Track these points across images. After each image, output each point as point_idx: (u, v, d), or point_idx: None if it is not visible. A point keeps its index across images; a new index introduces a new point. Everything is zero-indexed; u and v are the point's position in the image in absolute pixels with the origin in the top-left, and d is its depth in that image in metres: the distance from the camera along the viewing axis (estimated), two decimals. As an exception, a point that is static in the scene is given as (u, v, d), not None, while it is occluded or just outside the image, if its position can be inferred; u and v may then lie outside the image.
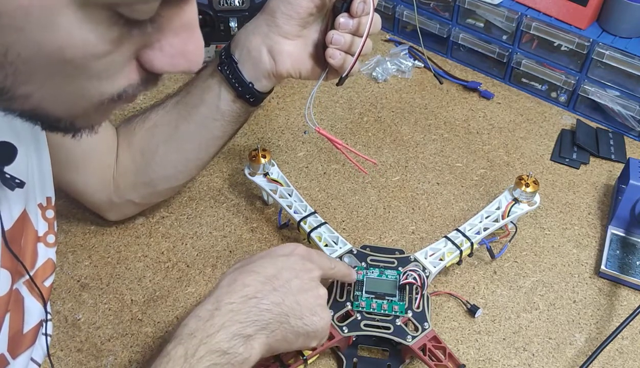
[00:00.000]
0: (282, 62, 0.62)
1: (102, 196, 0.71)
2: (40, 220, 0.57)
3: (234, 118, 0.66)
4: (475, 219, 0.72)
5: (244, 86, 0.63)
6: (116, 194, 0.71)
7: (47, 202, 0.58)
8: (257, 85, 0.63)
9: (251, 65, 0.62)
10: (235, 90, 0.63)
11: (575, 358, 0.65)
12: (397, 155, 0.89)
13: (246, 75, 0.63)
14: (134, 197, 0.71)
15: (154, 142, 0.68)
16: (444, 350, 0.60)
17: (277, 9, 0.60)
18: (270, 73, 0.63)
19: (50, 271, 0.57)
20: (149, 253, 0.75)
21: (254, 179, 0.76)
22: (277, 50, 0.61)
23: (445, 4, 1.02)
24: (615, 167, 0.87)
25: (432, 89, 1.01)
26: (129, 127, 0.70)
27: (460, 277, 0.73)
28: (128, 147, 0.69)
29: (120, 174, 0.70)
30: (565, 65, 0.94)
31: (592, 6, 0.89)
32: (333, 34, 0.59)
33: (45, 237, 0.57)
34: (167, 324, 0.67)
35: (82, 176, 0.69)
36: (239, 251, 0.75)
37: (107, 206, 0.73)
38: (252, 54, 0.62)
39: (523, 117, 0.96)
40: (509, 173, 0.86)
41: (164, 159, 0.68)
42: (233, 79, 0.62)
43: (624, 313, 0.69)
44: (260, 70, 0.63)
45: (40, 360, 0.58)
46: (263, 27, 0.61)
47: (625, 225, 0.76)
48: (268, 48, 0.61)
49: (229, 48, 0.64)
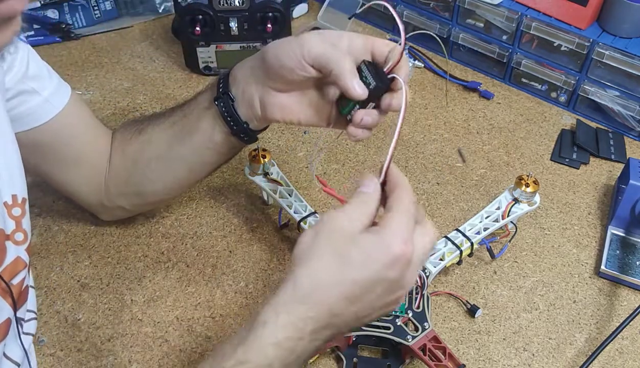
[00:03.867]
0: (272, 113, 0.59)
1: (94, 198, 0.71)
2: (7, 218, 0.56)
3: (228, 150, 0.65)
4: (475, 219, 0.72)
5: (239, 125, 0.61)
6: (107, 198, 0.71)
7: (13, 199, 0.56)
8: (251, 125, 0.62)
9: (246, 108, 0.60)
10: (229, 128, 0.61)
11: (575, 358, 0.65)
12: (397, 155, 0.89)
13: (242, 115, 0.60)
14: (124, 203, 0.72)
15: (147, 156, 0.67)
16: (444, 350, 0.60)
17: (271, 66, 0.56)
18: (262, 119, 0.61)
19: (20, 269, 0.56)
20: (149, 253, 0.75)
21: (254, 179, 0.76)
22: (268, 102, 0.59)
23: (445, 4, 1.02)
24: (615, 167, 0.87)
25: (432, 89, 1.01)
26: (125, 134, 0.69)
27: (460, 277, 0.73)
28: (122, 155, 0.69)
29: (111, 178, 0.70)
30: (565, 65, 0.94)
31: (592, 6, 0.89)
32: (363, 115, 0.55)
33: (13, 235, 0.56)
34: (167, 324, 0.67)
35: (74, 177, 0.69)
36: (239, 251, 0.75)
37: (99, 208, 0.73)
38: (246, 97, 0.60)
39: (523, 117, 0.96)
40: (509, 173, 0.86)
41: (155, 174, 0.68)
42: (228, 116, 0.60)
43: (624, 313, 0.69)
44: (253, 115, 0.61)
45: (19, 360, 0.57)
46: (260, 73, 0.58)
47: (625, 225, 0.76)
48: (260, 96, 0.59)
49: (227, 81, 0.61)
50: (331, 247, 0.46)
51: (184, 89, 1.00)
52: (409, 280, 0.47)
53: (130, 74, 1.03)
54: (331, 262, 0.45)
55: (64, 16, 1.10)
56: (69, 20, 1.10)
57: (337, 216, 0.47)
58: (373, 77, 0.53)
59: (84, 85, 1.00)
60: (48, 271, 0.72)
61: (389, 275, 0.45)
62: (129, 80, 1.01)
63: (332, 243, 0.46)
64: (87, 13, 1.12)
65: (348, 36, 0.56)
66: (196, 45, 0.98)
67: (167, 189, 0.70)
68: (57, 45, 1.09)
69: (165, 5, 1.16)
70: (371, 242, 0.46)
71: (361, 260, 0.45)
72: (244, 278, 0.72)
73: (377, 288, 0.46)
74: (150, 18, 1.16)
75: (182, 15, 0.94)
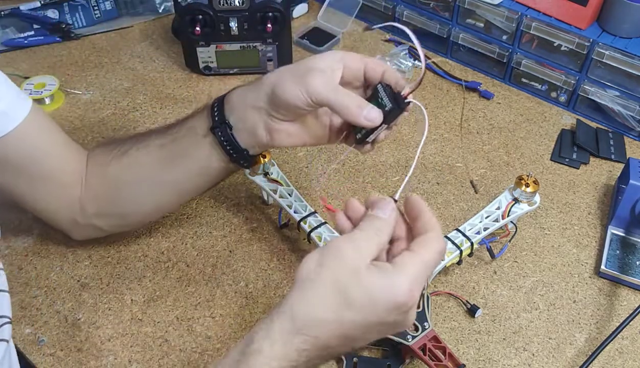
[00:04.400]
0: (279, 140, 0.59)
1: (64, 216, 0.69)
2: None
3: (224, 175, 0.65)
4: (475, 219, 0.72)
5: (239, 153, 0.61)
6: (82, 216, 0.68)
7: None
8: (251, 151, 0.61)
9: (246, 135, 0.60)
10: (229, 156, 0.61)
11: (575, 358, 0.65)
12: (397, 155, 0.89)
13: (241, 143, 0.60)
14: (102, 224, 0.69)
15: (131, 179, 0.65)
16: (444, 350, 0.60)
17: (278, 102, 0.56)
18: (267, 145, 0.60)
19: None
20: (149, 253, 0.75)
21: (254, 178, 0.76)
22: (274, 129, 0.58)
23: (445, 4, 1.02)
24: (615, 167, 0.87)
25: (432, 89, 1.01)
26: (103, 156, 0.67)
27: (460, 277, 0.73)
28: (102, 177, 0.67)
29: (89, 199, 0.67)
30: (565, 65, 0.94)
31: (592, 6, 0.89)
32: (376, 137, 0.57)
33: None
34: (167, 324, 0.67)
35: (41, 194, 0.66)
36: (239, 251, 0.75)
37: (70, 226, 0.70)
38: (248, 125, 0.59)
39: (523, 117, 0.96)
40: (509, 173, 0.86)
41: (139, 197, 0.66)
42: (228, 145, 0.60)
43: (624, 313, 0.69)
44: (256, 141, 0.60)
45: None
46: (261, 103, 0.58)
47: (625, 225, 0.76)
48: (265, 124, 0.58)
49: (223, 109, 0.60)
50: (332, 280, 0.44)
51: (184, 89, 1.00)
52: (409, 320, 0.46)
53: (130, 74, 1.03)
54: (331, 298, 0.44)
55: (64, 16, 1.10)
56: (69, 20, 1.10)
57: (343, 246, 0.45)
58: (389, 99, 0.54)
59: (84, 85, 1.00)
60: (48, 271, 0.72)
61: (389, 319, 0.44)
62: (129, 80, 1.01)
63: (335, 275, 0.44)
64: (87, 13, 1.12)
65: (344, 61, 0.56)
66: (196, 45, 0.98)
67: (151, 211, 0.69)
68: (57, 45, 1.09)
69: (165, 5, 1.16)
70: (376, 284, 0.43)
71: (362, 303, 0.43)
72: (244, 278, 0.72)
73: (375, 328, 0.45)
74: (150, 18, 1.16)
75: (182, 15, 0.94)
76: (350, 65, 0.56)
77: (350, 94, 0.54)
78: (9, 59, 1.05)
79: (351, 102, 0.54)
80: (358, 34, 1.13)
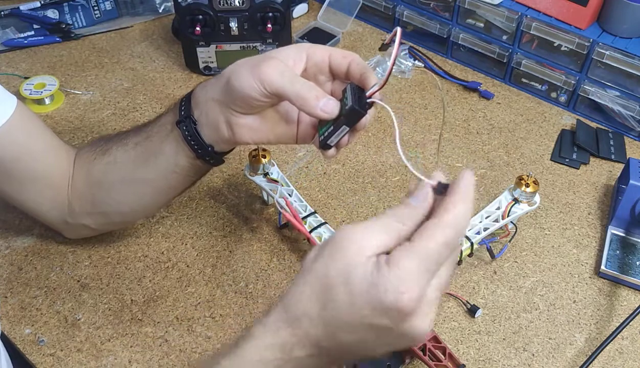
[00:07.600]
0: (240, 135, 0.57)
1: (56, 216, 0.69)
2: None
3: (194, 173, 0.63)
4: (475, 219, 0.72)
5: (203, 149, 0.58)
6: (70, 216, 0.68)
7: None
8: (217, 148, 0.59)
9: (209, 130, 0.58)
10: (194, 151, 0.59)
11: (575, 358, 0.65)
12: (397, 155, 0.89)
13: (206, 138, 0.58)
14: (89, 223, 0.69)
15: (112, 178, 0.65)
16: (444, 350, 0.60)
17: (235, 94, 0.53)
18: (229, 141, 0.58)
19: None
20: (149, 253, 0.75)
21: (254, 179, 0.76)
22: (235, 123, 0.56)
23: (445, 4, 1.02)
24: (615, 167, 0.87)
25: (432, 89, 1.01)
26: (89, 154, 0.66)
27: (460, 277, 0.73)
28: (86, 175, 0.66)
29: (76, 198, 0.67)
30: (565, 65, 0.94)
31: (592, 6, 0.89)
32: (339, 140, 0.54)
33: None
34: (167, 324, 0.67)
35: (31, 194, 0.66)
36: (239, 251, 0.75)
37: (62, 226, 0.71)
38: (210, 119, 0.57)
39: (523, 117, 0.96)
40: (509, 173, 0.86)
41: (121, 196, 0.66)
42: (192, 140, 0.58)
43: (624, 313, 0.69)
44: (219, 137, 0.58)
45: None
46: (220, 95, 0.56)
47: (625, 225, 0.76)
48: (225, 118, 0.56)
49: (189, 104, 0.58)
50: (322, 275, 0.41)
51: (184, 89, 1.00)
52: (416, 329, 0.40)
53: (130, 74, 1.03)
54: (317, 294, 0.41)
55: (64, 16, 1.10)
56: (69, 20, 1.10)
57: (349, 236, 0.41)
58: (353, 99, 0.52)
59: (84, 85, 1.00)
60: (48, 271, 0.72)
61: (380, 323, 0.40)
62: (129, 80, 1.01)
63: (326, 269, 0.41)
64: (87, 13, 1.12)
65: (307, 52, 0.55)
66: (196, 45, 0.98)
67: (133, 211, 0.68)
68: (57, 45, 1.09)
69: (165, 5, 1.16)
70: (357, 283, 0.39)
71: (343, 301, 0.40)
72: (244, 278, 0.72)
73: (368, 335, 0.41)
74: (150, 18, 1.16)
75: (182, 15, 0.94)
76: (313, 57, 0.55)
77: (309, 83, 0.52)
78: (9, 59, 1.05)
79: (308, 92, 0.51)
80: (358, 33, 1.13)
